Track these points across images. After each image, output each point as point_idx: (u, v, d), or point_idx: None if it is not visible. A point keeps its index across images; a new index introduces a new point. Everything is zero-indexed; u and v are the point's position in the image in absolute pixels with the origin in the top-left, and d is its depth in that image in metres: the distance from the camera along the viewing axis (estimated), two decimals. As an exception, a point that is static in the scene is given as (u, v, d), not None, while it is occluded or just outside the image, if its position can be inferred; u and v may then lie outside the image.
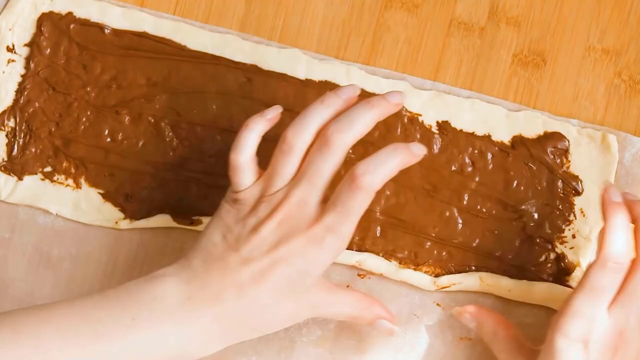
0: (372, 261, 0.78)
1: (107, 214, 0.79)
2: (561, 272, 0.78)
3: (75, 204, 0.79)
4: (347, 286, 0.78)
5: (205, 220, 0.78)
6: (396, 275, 0.78)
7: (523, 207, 0.78)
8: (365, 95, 0.76)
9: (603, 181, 0.75)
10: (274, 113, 0.71)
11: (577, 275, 0.77)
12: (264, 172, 0.70)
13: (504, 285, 0.77)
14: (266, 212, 0.68)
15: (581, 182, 0.78)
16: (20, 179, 0.79)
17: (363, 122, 0.69)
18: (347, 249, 0.73)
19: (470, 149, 0.79)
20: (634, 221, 0.71)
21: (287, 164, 0.69)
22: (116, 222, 0.79)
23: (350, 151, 0.77)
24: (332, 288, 0.70)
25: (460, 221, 0.78)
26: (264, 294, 0.67)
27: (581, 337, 0.68)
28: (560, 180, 0.78)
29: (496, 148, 0.78)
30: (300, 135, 0.69)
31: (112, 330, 0.66)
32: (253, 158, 0.70)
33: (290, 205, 0.68)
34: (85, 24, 0.80)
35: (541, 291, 0.77)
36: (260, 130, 0.71)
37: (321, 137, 0.69)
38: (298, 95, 0.79)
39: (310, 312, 0.70)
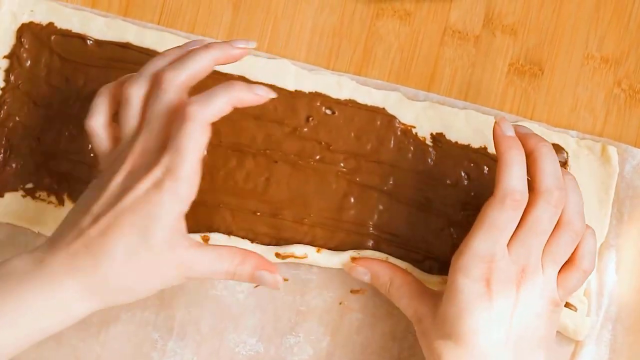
0: (369, 253, 0.77)
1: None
2: (561, 288, 0.76)
3: (57, 222, 0.76)
4: (340, 303, 0.77)
5: (213, 235, 0.77)
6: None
7: (521, 221, 0.76)
8: (333, 101, 0.77)
9: (495, 117, 0.74)
10: (125, 79, 0.71)
11: (576, 292, 0.76)
12: None
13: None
14: (114, 169, 0.68)
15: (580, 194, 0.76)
16: (0, 195, 0.77)
17: (198, 62, 0.68)
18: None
19: (466, 162, 0.78)
20: (529, 154, 0.70)
21: (128, 117, 0.69)
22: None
23: (342, 165, 0.76)
24: (202, 245, 0.69)
25: (455, 236, 0.77)
26: (113, 247, 0.66)
27: (482, 275, 0.67)
28: (558, 194, 0.76)
29: (492, 161, 0.77)
30: (135, 85, 0.69)
31: None
32: (107, 123, 0.70)
33: (133, 155, 0.67)
34: (66, 34, 0.79)
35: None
36: (109, 94, 0.70)
37: (154, 80, 0.69)
38: (287, 107, 0.77)
39: (181, 272, 0.68)
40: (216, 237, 0.76)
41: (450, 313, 0.68)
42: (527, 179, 0.69)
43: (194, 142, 0.66)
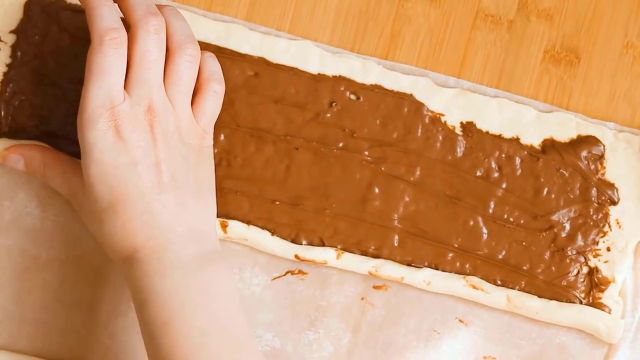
0: (389, 267, 0.76)
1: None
2: (593, 288, 0.76)
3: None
4: (362, 298, 0.76)
5: (231, 222, 0.77)
6: (415, 280, 0.76)
7: (554, 216, 0.77)
8: (358, 86, 0.78)
9: None
10: None
11: (611, 292, 0.75)
12: None
13: (531, 306, 0.76)
14: None
15: (617, 190, 0.77)
16: (4, 176, 0.77)
17: None
18: (360, 255, 0.74)
19: (497, 152, 0.77)
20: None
21: None
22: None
23: (367, 153, 0.76)
24: None
25: (485, 231, 0.77)
26: None
27: (109, 124, 0.68)
28: (594, 188, 0.77)
29: (525, 152, 0.77)
30: None
31: None
32: None
33: None
34: (76, 10, 0.79)
35: (570, 314, 0.76)
36: None
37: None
38: (310, 92, 0.77)
39: None
40: (234, 225, 0.76)
41: (93, 172, 0.68)
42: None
43: None
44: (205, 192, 0.71)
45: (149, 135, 0.69)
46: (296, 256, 0.76)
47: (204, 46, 0.77)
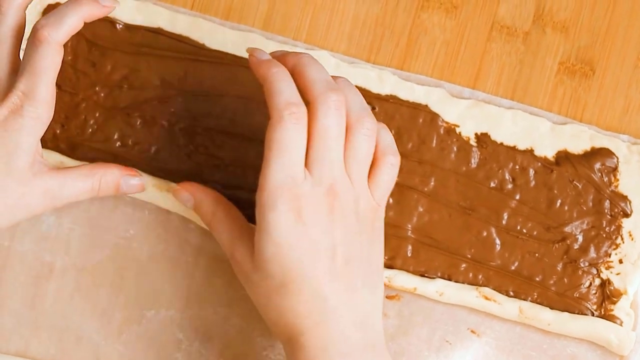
0: (402, 277, 0.77)
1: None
2: (605, 300, 0.77)
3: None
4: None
5: None
6: (428, 290, 0.77)
7: (567, 228, 0.77)
8: (373, 96, 0.78)
9: (246, 49, 0.72)
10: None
11: (622, 304, 0.76)
12: None
13: (543, 318, 0.77)
14: None
15: (630, 202, 0.78)
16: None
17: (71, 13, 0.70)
18: None
19: (511, 164, 0.78)
20: (292, 71, 0.69)
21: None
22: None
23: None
24: (62, 169, 0.72)
25: (498, 242, 0.77)
26: None
27: (290, 206, 0.66)
28: (607, 201, 0.77)
29: (539, 164, 0.78)
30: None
31: None
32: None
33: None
34: (95, 17, 0.78)
35: (581, 326, 0.77)
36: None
37: (32, 31, 0.70)
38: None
39: (46, 199, 0.71)
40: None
41: (269, 251, 0.67)
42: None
43: (50, 64, 0.69)
44: (374, 273, 0.70)
45: (328, 216, 0.67)
46: None
47: (221, 55, 0.78)
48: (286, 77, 0.68)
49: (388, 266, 0.77)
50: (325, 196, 0.67)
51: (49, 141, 0.78)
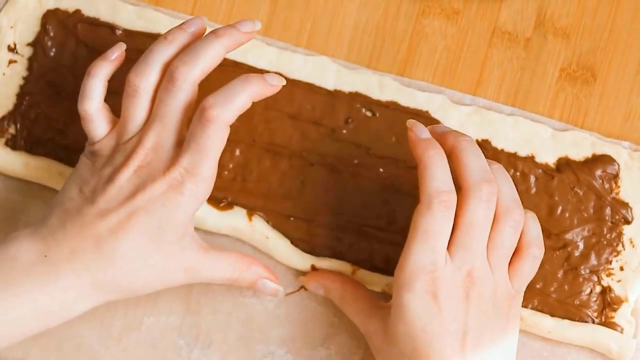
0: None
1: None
2: (606, 307, 0.77)
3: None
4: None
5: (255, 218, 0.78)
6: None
7: (568, 235, 0.78)
8: (374, 102, 0.78)
9: (407, 122, 0.73)
10: (117, 53, 0.73)
11: (623, 311, 0.76)
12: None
13: (544, 325, 0.77)
14: (121, 161, 0.69)
15: (631, 209, 0.78)
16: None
17: (210, 54, 0.70)
18: (374, 271, 0.76)
19: (512, 170, 0.78)
20: (450, 153, 0.70)
21: (136, 108, 0.70)
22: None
23: (381, 170, 0.77)
24: (208, 249, 0.72)
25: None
26: (124, 246, 0.68)
27: (427, 288, 0.67)
28: (608, 207, 0.78)
29: (540, 170, 0.78)
30: (144, 75, 0.70)
31: None
32: (102, 106, 0.72)
33: (144, 150, 0.69)
34: (94, 23, 0.80)
35: (582, 333, 0.77)
36: (104, 74, 0.72)
37: (167, 74, 0.70)
38: (326, 107, 0.78)
39: (186, 275, 0.71)
40: (258, 221, 0.78)
41: (400, 330, 0.69)
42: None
43: (216, 143, 0.68)
44: (500, 352, 0.70)
45: (463, 302, 0.68)
46: (312, 267, 0.77)
47: (222, 61, 0.78)
48: (442, 161, 0.69)
49: (389, 273, 0.77)
50: (463, 281, 0.68)
51: (48, 147, 0.78)
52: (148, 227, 0.68)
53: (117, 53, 0.72)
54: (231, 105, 0.68)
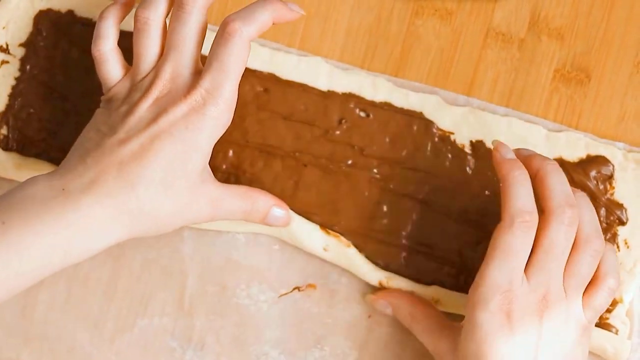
0: (398, 282, 0.77)
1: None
2: (601, 308, 0.77)
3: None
4: (369, 316, 0.77)
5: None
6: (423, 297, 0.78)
7: (562, 236, 0.77)
8: (367, 103, 0.78)
9: (493, 141, 0.74)
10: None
11: (618, 312, 0.76)
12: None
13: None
14: (139, 96, 0.69)
15: (626, 210, 0.78)
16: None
17: (261, 12, 0.69)
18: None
19: (506, 171, 0.77)
20: (534, 175, 0.71)
21: (148, 42, 0.70)
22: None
23: (375, 171, 0.77)
24: (223, 183, 0.71)
25: (493, 250, 0.77)
26: (148, 170, 0.67)
27: (501, 307, 0.68)
28: (603, 208, 0.78)
29: (534, 171, 0.77)
30: (151, 7, 0.70)
31: None
32: (115, 48, 0.72)
33: (162, 80, 0.69)
34: (87, 24, 0.80)
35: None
36: (117, 16, 0.72)
37: (175, 2, 0.70)
38: (319, 108, 0.78)
39: (211, 208, 0.70)
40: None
41: (470, 349, 0.69)
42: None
43: (238, 60, 0.68)
44: None
45: (536, 324, 0.68)
46: (324, 249, 0.77)
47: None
48: (526, 182, 0.69)
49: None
50: (537, 304, 0.68)
51: (40, 148, 0.78)
52: (172, 150, 0.67)
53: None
54: (253, 20, 0.68)
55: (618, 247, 0.77)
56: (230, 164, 0.78)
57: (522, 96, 0.80)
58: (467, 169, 0.78)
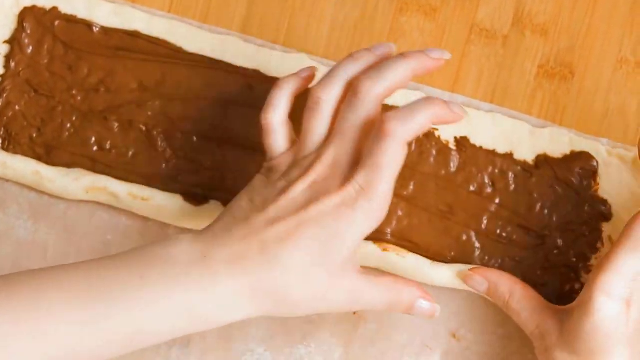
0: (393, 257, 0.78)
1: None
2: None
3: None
4: (354, 313, 0.77)
5: None
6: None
7: (546, 232, 0.78)
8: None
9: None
10: (308, 72, 0.73)
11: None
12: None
13: (524, 321, 0.77)
14: (297, 175, 0.68)
15: (610, 206, 0.79)
16: None
17: (395, 72, 0.69)
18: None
19: (491, 168, 0.79)
20: None
21: (317, 122, 0.70)
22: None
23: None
24: (366, 274, 0.69)
25: (478, 246, 0.78)
26: (289, 255, 0.66)
27: (623, 295, 0.69)
28: (587, 205, 0.78)
29: (518, 168, 0.79)
30: (326, 88, 0.70)
31: (118, 290, 0.65)
32: (285, 120, 0.71)
33: (322, 166, 0.68)
34: (71, 20, 0.80)
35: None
36: (292, 89, 0.72)
37: (351, 88, 0.69)
38: (304, 105, 0.77)
39: (349, 298, 0.68)
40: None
41: (583, 330, 0.69)
42: None
43: (393, 160, 0.67)
44: None
45: None
46: None
47: (199, 58, 0.79)
48: None
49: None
50: None
51: (25, 146, 0.78)
52: (316, 239, 0.66)
53: (308, 72, 0.73)
54: (410, 122, 0.67)
55: (602, 243, 0.78)
56: (216, 162, 0.78)
57: (506, 92, 0.80)
58: (452, 165, 0.78)
